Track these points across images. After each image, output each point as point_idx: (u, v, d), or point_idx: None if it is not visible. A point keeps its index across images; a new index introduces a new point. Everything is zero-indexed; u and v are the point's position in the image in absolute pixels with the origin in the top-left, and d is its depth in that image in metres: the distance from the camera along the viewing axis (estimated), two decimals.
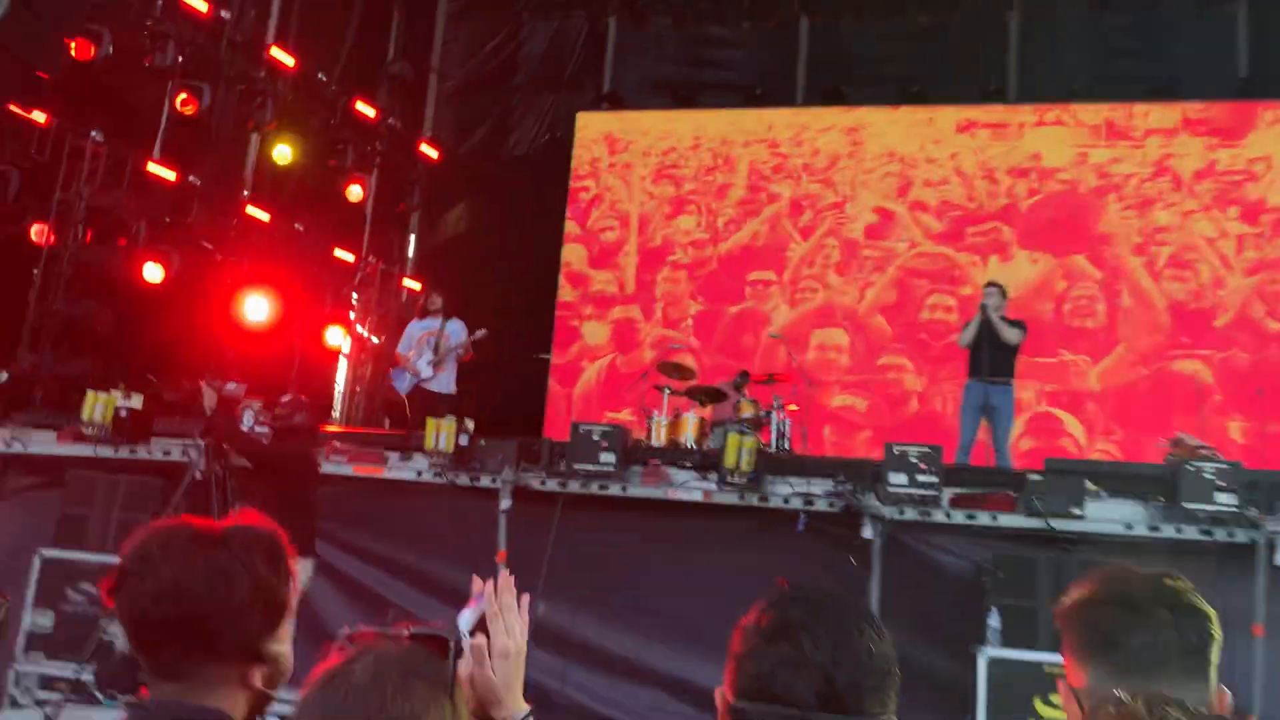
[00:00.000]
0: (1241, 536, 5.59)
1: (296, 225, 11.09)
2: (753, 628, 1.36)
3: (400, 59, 12.76)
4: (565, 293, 12.47)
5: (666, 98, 12.98)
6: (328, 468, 7.09)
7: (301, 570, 6.19)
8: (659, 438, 8.54)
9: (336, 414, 12.07)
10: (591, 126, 12.92)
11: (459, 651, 1.35)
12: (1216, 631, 1.50)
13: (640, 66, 13.25)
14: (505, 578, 1.75)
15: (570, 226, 12.62)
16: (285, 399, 6.75)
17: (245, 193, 10.68)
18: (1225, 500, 5.69)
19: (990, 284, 8.52)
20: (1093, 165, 11.41)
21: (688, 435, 8.48)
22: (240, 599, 1.57)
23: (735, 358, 11.26)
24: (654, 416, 8.72)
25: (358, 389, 12.35)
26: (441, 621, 1.46)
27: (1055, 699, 5.21)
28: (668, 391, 9.06)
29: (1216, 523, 5.64)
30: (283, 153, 10.59)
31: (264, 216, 10.53)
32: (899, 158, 11.93)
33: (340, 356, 12.20)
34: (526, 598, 1.72)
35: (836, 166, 12.09)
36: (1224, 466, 5.86)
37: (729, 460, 6.33)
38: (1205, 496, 5.73)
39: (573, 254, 12.56)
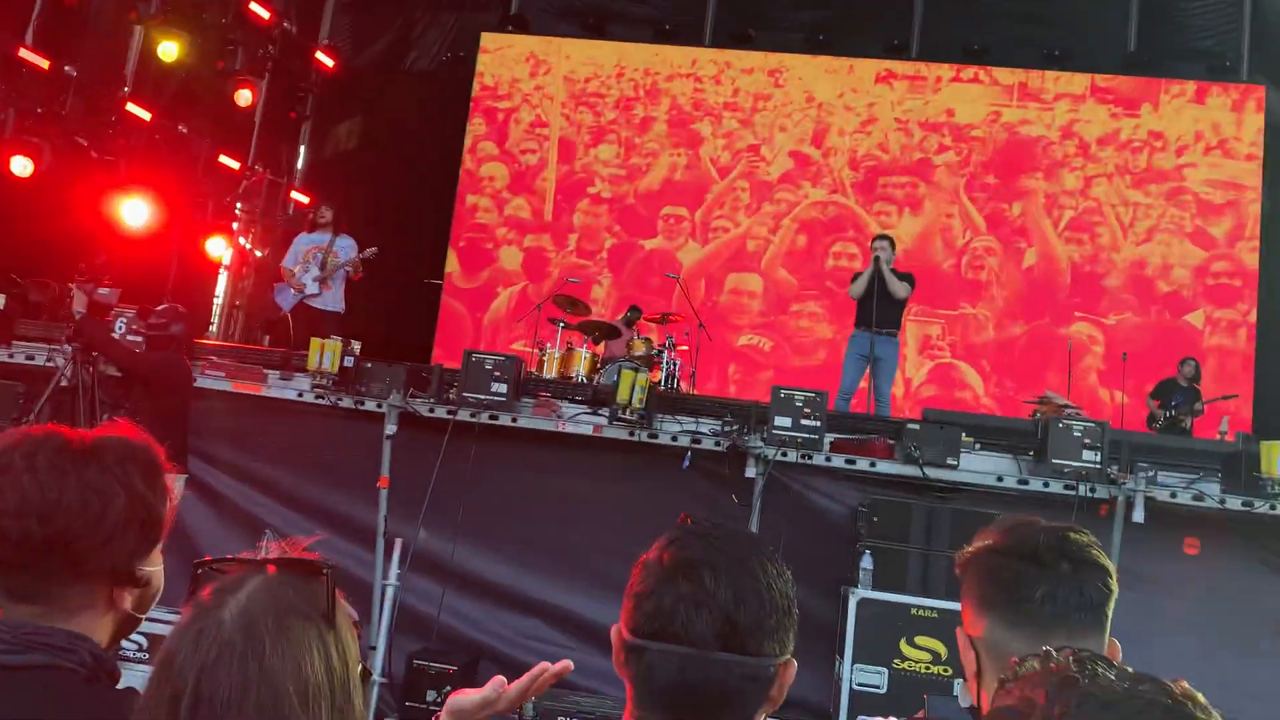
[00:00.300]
0: (1103, 493, 5.87)
1: (180, 128, 10.54)
2: (653, 564, 1.32)
3: None
4: (482, 215, 12.23)
5: (574, 25, 12.72)
6: (204, 382, 6.83)
7: (175, 486, 6.01)
8: (550, 370, 8.49)
9: (215, 327, 11.63)
10: (518, 46, 12.60)
11: (334, 571, 1.24)
12: (1114, 586, 1.53)
13: None
14: (562, 666, 1.64)
15: (488, 146, 12.35)
16: (161, 308, 6.45)
17: (126, 89, 10.07)
18: (1090, 457, 5.96)
19: (880, 236, 8.66)
20: (1004, 124, 11.71)
21: (579, 369, 8.46)
22: (115, 518, 1.45)
23: (646, 293, 11.26)
24: (546, 349, 8.66)
25: (238, 303, 11.91)
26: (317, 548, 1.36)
27: (920, 640, 5.44)
28: (561, 325, 9.00)
29: (1081, 478, 5.91)
30: (168, 49, 10.00)
31: (145, 115, 9.97)
32: (818, 104, 12.00)
33: (221, 268, 11.73)
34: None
35: (757, 108, 12.10)
36: (1091, 425, 6.13)
37: (621, 396, 6.33)
38: (1072, 453, 5.99)
39: (495, 171, 12.30)
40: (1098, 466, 5.91)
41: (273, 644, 1.14)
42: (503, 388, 6.35)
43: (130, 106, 9.83)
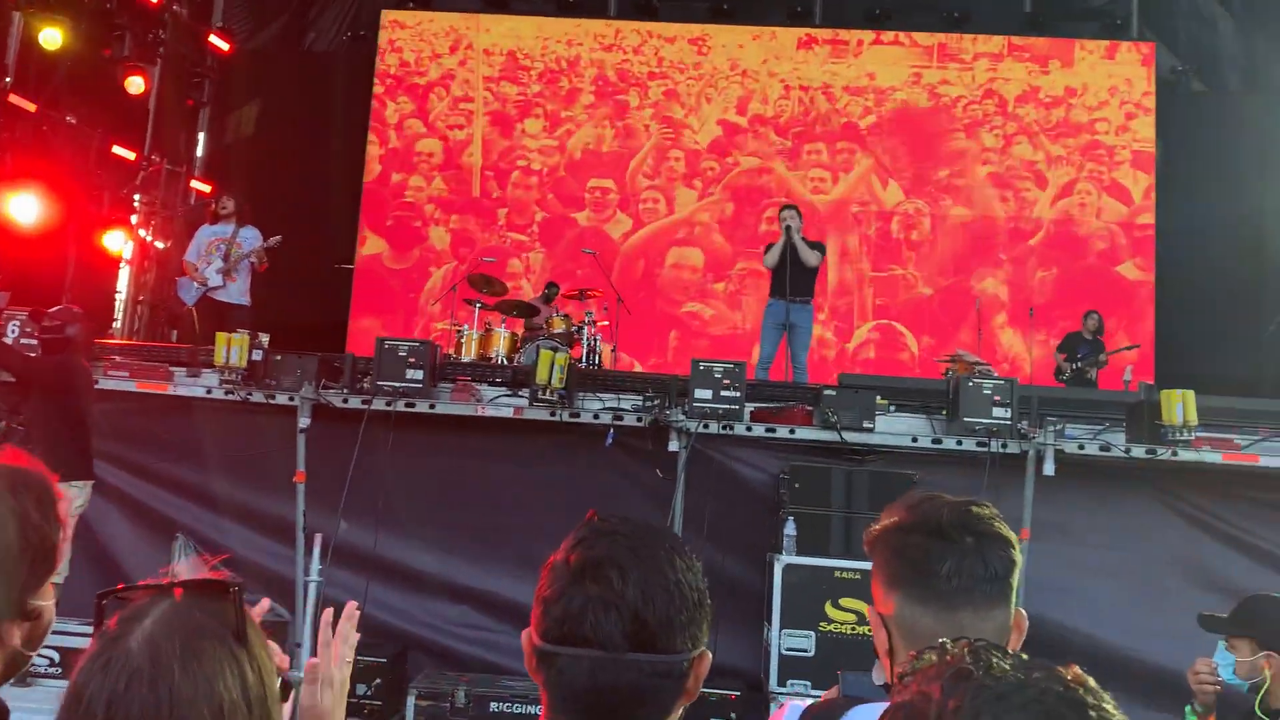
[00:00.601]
0: (1014, 448, 6.03)
1: (69, 118, 10.10)
2: (560, 566, 1.30)
3: None
4: (411, 194, 12.03)
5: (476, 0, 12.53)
6: (106, 384, 6.61)
7: (78, 493, 5.81)
8: (469, 352, 8.40)
9: (117, 325, 11.24)
10: (438, 21, 12.35)
11: (241, 589, 1.22)
12: (1018, 557, 1.55)
13: None
14: (350, 608, 1.77)
15: (415, 124, 12.12)
16: (55, 309, 6.21)
17: (7, 79, 9.61)
18: (1000, 414, 6.10)
19: (787, 206, 8.72)
20: (925, 86, 11.87)
21: (499, 350, 8.39)
22: (6, 550, 1.38)
23: (581, 266, 11.19)
24: (464, 330, 8.57)
25: (141, 298, 11.51)
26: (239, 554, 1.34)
27: (845, 602, 5.54)
28: (478, 305, 8.90)
29: (992, 435, 6.06)
30: (50, 37, 9.55)
31: (29, 107, 9.53)
32: (741, 70, 12.02)
33: (121, 263, 11.32)
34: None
35: (684, 76, 12.07)
36: (1000, 382, 6.28)
37: (541, 376, 6.29)
38: (983, 410, 6.13)
39: (422, 149, 12.10)
40: (1008, 422, 6.06)
41: (182, 667, 1.12)
42: (418, 374, 6.26)
43: (13, 98, 9.40)
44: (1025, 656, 0.82)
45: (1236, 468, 6.08)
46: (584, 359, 9.03)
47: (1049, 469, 5.91)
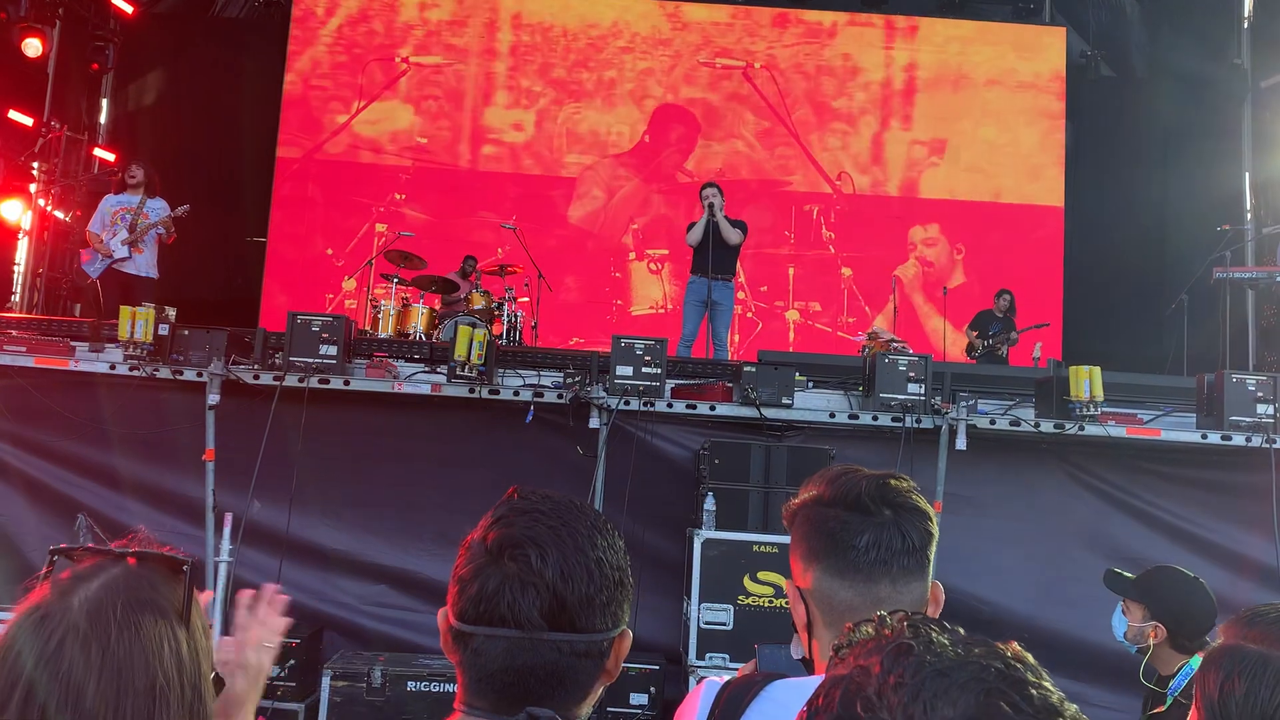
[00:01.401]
0: (928, 423, 6.14)
1: None
2: (478, 544, 1.27)
3: None
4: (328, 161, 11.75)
5: None
6: (2, 359, 6.33)
7: None
8: (387, 328, 8.26)
9: (16, 298, 10.79)
10: None
11: (195, 570, 1.19)
12: (935, 529, 1.56)
13: None
14: (271, 591, 1.78)
15: (330, 91, 11.82)
16: None
17: None
18: (915, 390, 6.21)
19: (709, 185, 8.73)
20: (833, 63, 11.94)
21: (416, 326, 8.26)
22: None
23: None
24: (381, 306, 8.42)
25: (40, 270, 11.06)
26: (154, 535, 1.29)
27: (763, 575, 5.59)
28: (396, 280, 8.75)
29: (907, 410, 6.16)
30: None
31: None
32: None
33: (20, 234, 10.85)
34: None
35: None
36: (915, 359, 6.38)
37: (459, 353, 6.19)
38: (898, 387, 6.23)
39: (341, 112, 11.82)
40: (922, 398, 6.17)
41: (119, 633, 1.09)
42: (332, 349, 6.11)
43: None
44: (962, 632, 0.82)
45: (1140, 442, 6.28)
46: (504, 335, 8.94)
47: (961, 443, 6.03)
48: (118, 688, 1.07)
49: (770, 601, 5.61)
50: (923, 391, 6.20)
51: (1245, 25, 11.55)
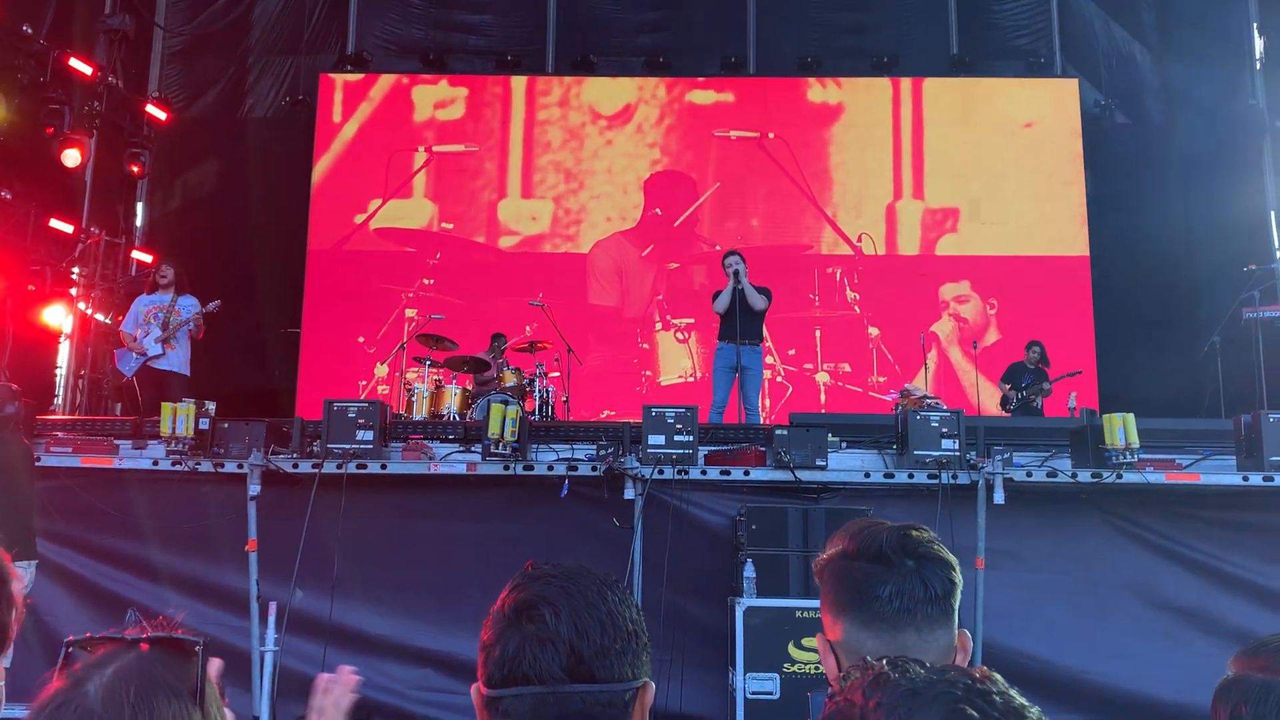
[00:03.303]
0: (964, 478, 6.11)
1: (4, 193, 9.98)
2: (498, 613, 1.34)
3: (119, 12, 11.69)
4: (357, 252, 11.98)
5: (415, 61, 12.64)
6: (49, 461, 6.47)
7: (24, 572, 5.65)
8: (421, 410, 8.36)
9: (59, 401, 11.02)
10: (377, 84, 12.43)
11: (206, 652, 1.23)
12: (958, 578, 1.59)
13: (385, 28, 12.84)
14: (345, 672, 1.81)
15: (357, 185, 12.11)
16: None
17: None
18: (949, 446, 6.19)
19: (731, 253, 8.82)
20: (857, 124, 12.08)
21: (450, 406, 8.36)
22: None
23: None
24: (414, 389, 8.53)
25: (83, 373, 11.31)
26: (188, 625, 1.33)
27: (807, 642, 5.54)
28: (428, 363, 8.88)
29: (942, 467, 6.13)
30: None
31: None
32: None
33: (62, 337, 11.13)
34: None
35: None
36: (947, 414, 6.37)
37: (493, 430, 6.27)
38: (932, 443, 6.21)
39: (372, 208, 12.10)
40: (956, 454, 6.14)
41: (133, 716, 1.11)
42: (369, 434, 6.21)
43: None
44: (943, 666, 0.89)
45: (1181, 487, 6.21)
46: (537, 411, 9.02)
47: (999, 497, 5.98)
48: None
49: (816, 668, 5.54)
50: (957, 447, 6.17)
51: (1258, 66, 11.64)
